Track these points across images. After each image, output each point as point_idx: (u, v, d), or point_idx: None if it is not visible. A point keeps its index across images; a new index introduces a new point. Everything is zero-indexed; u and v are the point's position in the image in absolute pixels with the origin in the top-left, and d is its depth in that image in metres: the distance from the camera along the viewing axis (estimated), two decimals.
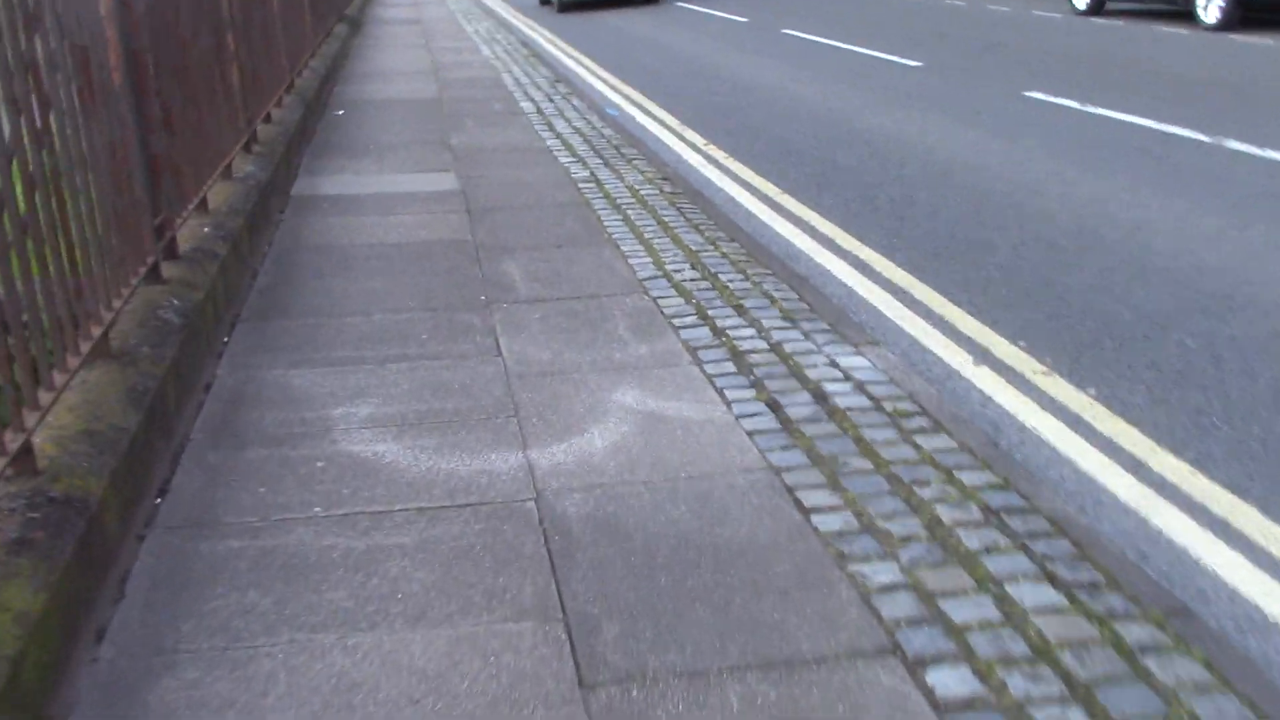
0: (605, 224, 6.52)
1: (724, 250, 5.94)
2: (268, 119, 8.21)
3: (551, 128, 9.68)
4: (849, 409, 3.98)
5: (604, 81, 13.12)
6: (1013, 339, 4.90)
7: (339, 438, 3.84)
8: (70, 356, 3.34)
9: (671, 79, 12.97)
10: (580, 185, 7.49)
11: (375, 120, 10.28)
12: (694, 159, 8.79)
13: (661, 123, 10.42)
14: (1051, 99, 10.05)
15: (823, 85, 11.82)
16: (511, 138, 9.28)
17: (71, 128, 3.54)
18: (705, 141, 9.40)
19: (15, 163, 3.05)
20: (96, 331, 3.56)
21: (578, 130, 9.57)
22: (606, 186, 7.43)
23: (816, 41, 15.45)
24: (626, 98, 11.90)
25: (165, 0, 5.11)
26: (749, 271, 5.58)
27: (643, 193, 7.25)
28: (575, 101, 11.12)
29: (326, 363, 4.52)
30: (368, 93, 11.99)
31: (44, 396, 3.09)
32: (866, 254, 6.17)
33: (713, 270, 5.60)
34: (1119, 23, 15.41)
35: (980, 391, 4.42)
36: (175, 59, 5.17)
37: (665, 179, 7.69)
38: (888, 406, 3.99)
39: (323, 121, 10.19)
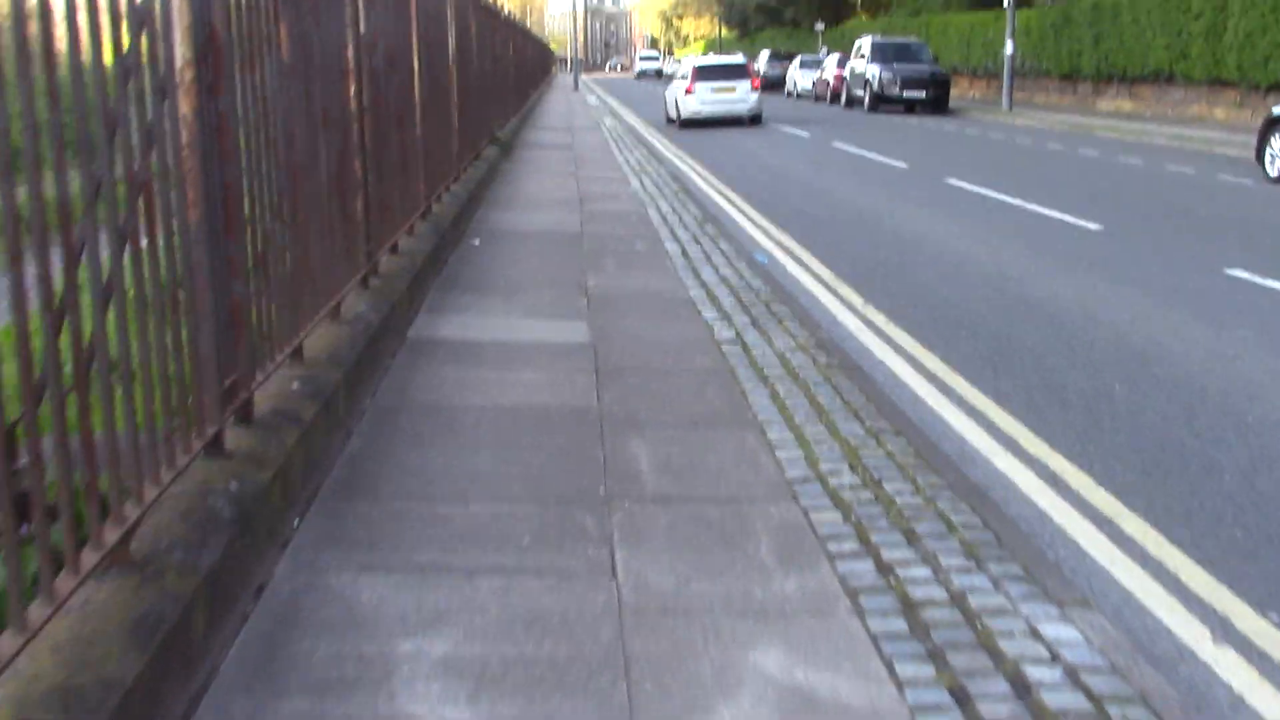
0: (750, 400, 5.69)
1: (888, 448, 5.04)
2: (395, 249, 7.66)
3: (696, 274, 8.97)
4: (1061, 713, 3.01)
5: (754, 224, 12.44)
6: (1260, 607, 3.87)
7: (399, 690, 3.02)
8: (66, 575, 2.61)
9: (826, 226, 12.22)
10: (724, 347, 6.70)
11: (511, 253, 9.72)
12: (851, 322, 7.95)
13: (815, 275, 9.63)
14: (1260, 280, 8.97)
15: (992, 244, 10.93)
16: (652, 283, 8.58)
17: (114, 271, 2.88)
18: (863, 302, 8.56)
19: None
20: (112, 537, 2.84)
21: (724, 279, 8.83)
22: (753, 352, 6.62)
23: (983, 194, 14.59)
24: (778, 243, 11.18)
25: (279, 125, 4.52)
26: (919, 480, 4.66)
27: (793, 362, 6.41)
28: (723, 245, 10.42)
29: (405, 568, 3.74)
30: (508, 222, 11.50)
31: (6, 643, 2.34)
32: (1058, 463, 5.21)
33: (875, 475, 4.70)
34: None
35: (1227, 688, 3.40)
36: (282, 189, 4.57)
37: (819, 346, 6.84)
38: (1115, 714, 3.01)
39: (457, 252, 9.66)
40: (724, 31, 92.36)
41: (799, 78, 47.98)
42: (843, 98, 38.08)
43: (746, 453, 4.95)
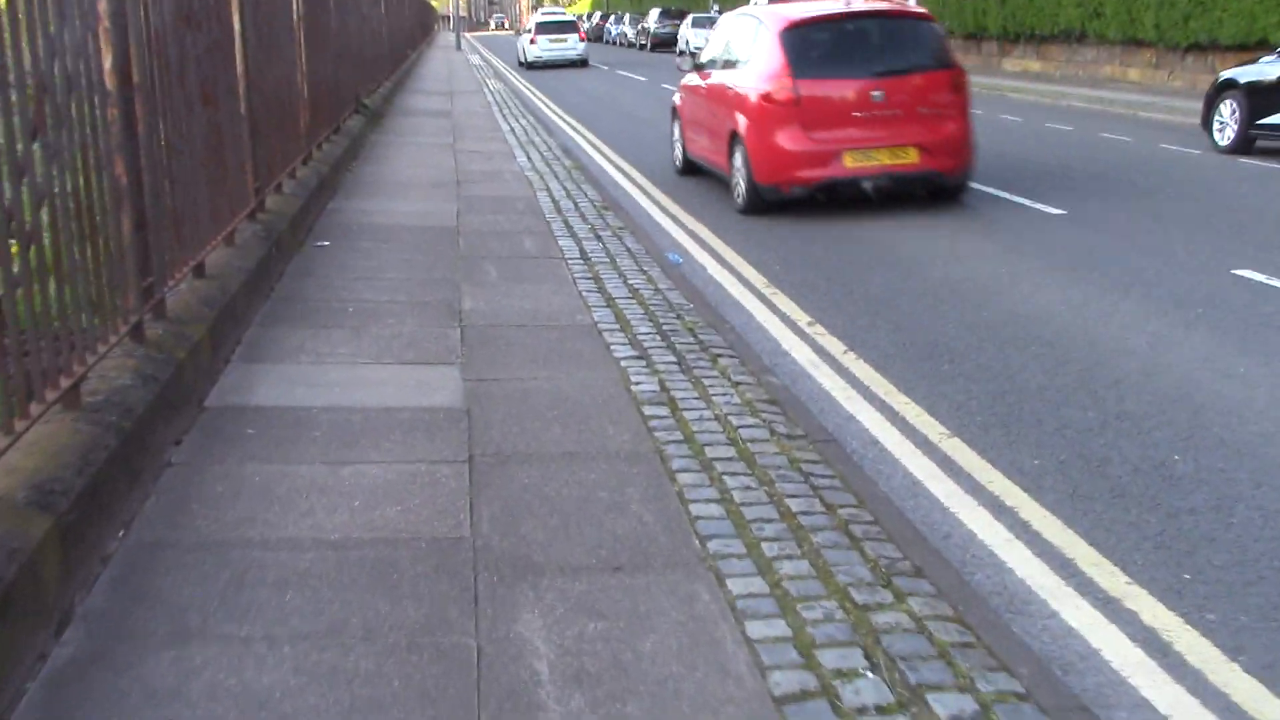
0: (695, 513, 3.91)
1: (912, 608, 3.31)
2: (200, 271, 5.70)
3: (600, 285, 7.19)
4: None
5: (663, 210, 10.64)
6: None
7: None
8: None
9: (730, 210, 10.48)
10: (647, 411, 4.92)
11: (366, 259, 7.79)
12: (801, 353, 6.23)
13: (743, 280, 7.89)
14: (1272, 283, 7.46)
15: (943, 237, 9.28)
16: (546, 302, 6.76)
17: None
18: (809, 320, 6.85)
19: None
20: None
21: (634, 291, 7.08)
22: (687, 417, 4.84)
23: None
24: (692, 234, 9.41)
25: None
26: (972, 676, 2.94)
27: (744, 434, 4.65)
28: (629, 241, 8.62)
29: None
30: (367, 214, 9.52)
31: None
32: (1153, 612, 3.54)
33: (905, 668, 2.97)
34: (1274, 165, 12.86)
35: None
36: None
37: (773, 401, 5.09)
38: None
39: (298, 260, 7.70)
40: None
41: (690, 36, 46.11)
42: None
43: (700, 628, 3.20)
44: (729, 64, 11.22)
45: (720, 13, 51.03)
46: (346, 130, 13.38)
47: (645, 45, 53.46)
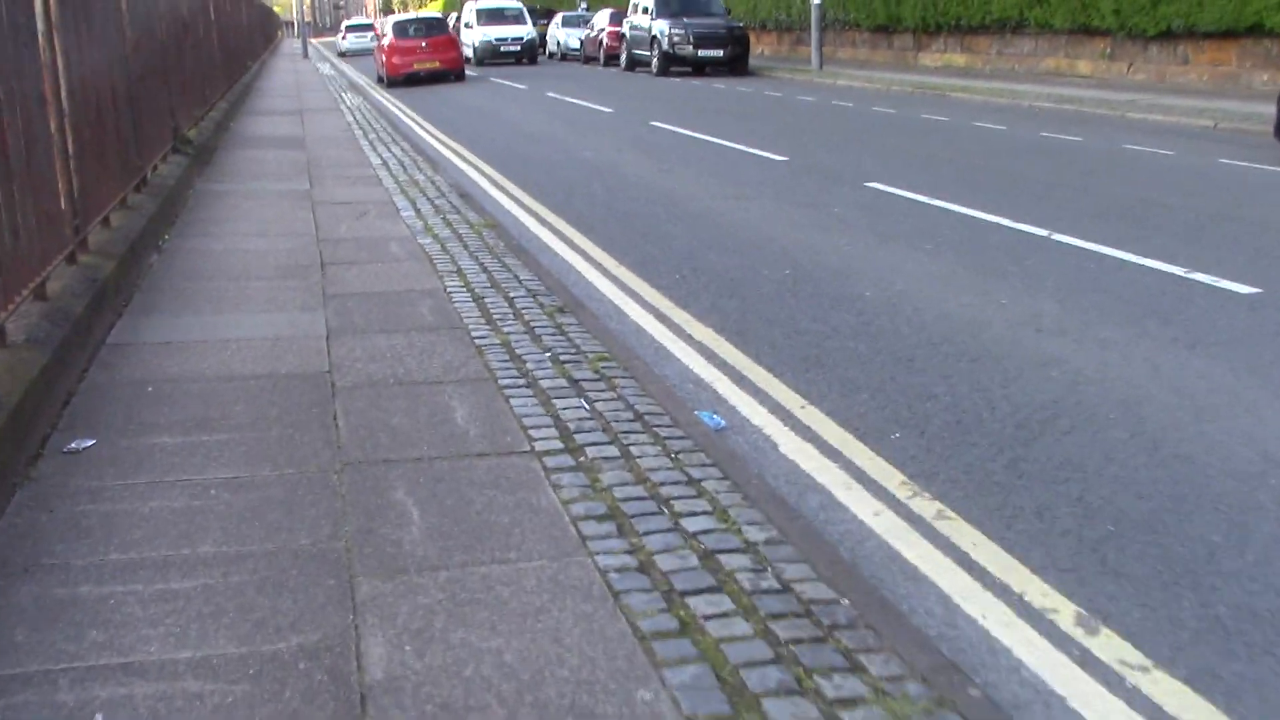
0: None
1: None
2: None
3: (639, 550, 3.57)
4: None
5: (637, 298, 7.09)
6: None
7: None
8: None
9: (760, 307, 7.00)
10: None
11: (158, 502, 4.03)
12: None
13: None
14: None
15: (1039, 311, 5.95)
16: (545, 644, 3.11)
17: None
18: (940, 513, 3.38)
19: None
20: None
21: (728, 578, 3.48)
22: None
23: (915, 200, 9.66)
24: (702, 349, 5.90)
25: None
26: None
27: None
28: (629, 391, 5.05)
29: None
30: (175, 354, 5.73)
31: None
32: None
33: None
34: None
35: None
36: None
37: None
38: None
39: (14, 510, 3.91)
40: None
41: (563, 36, 42.58)
42: (621, 59, 32.89)
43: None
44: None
45: (589, 10, 47.54)
46: (157, 183, 9.46)
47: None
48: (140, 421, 4.72)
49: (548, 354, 5.68)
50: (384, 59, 29.22)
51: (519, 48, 37.39)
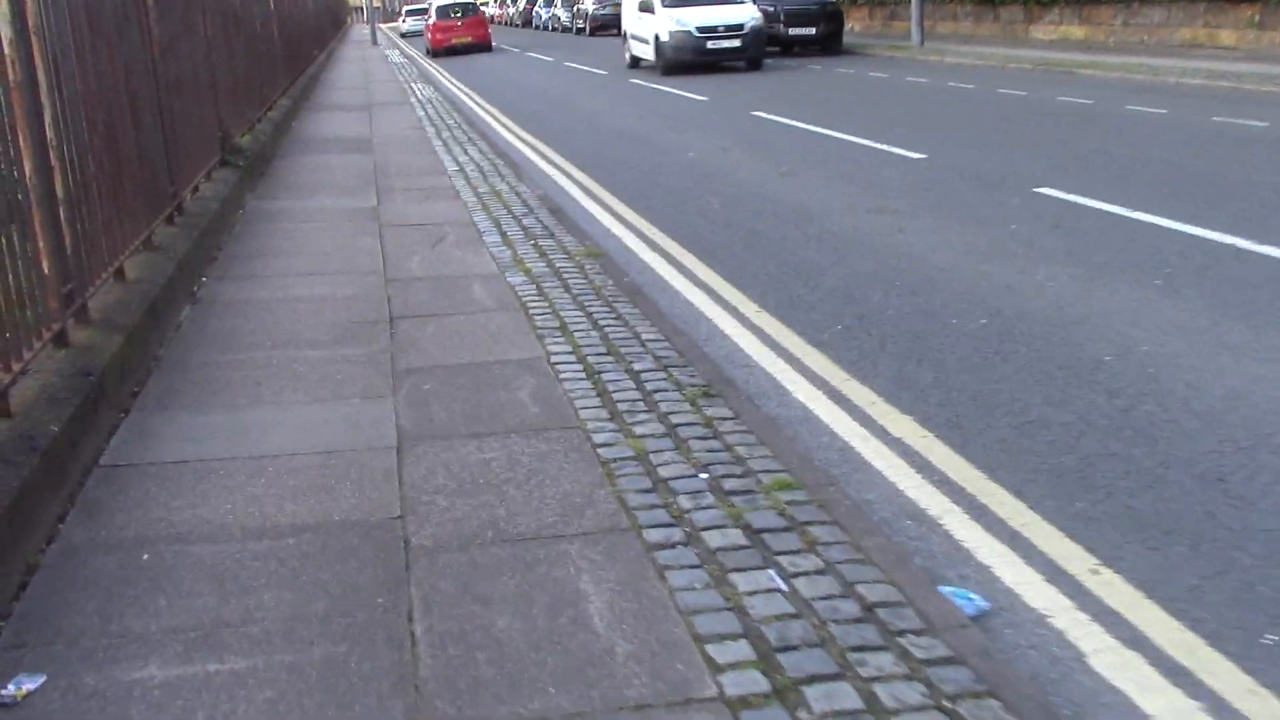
0: None
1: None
2: None
3: None
4: None
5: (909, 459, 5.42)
6: None
7: None
8: None
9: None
10: None
11: None
12: None
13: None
14: None
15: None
16: None
17: None
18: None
19: None
20: None
21: None
22: None
23: (1110, 212, 7.84)
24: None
25: None
26: None
27: None
28: (823, 535, 3.39)
29: None
30: (191, 480, 4.15)
31: None
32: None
33: None
34: None
35: None
36: None
37: None
38: None
39: None
40: None
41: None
42: None
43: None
44: None
45: None
46: (197, 208, 7.94)
47: (584, 29, 47.92)
48: (121, 631, 3.14)
49: (704, 476, 4.02)
50: (429, 35, 37.46)
51: (739, 42, 22.53)
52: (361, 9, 72.37)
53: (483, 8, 41.19)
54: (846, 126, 13.44)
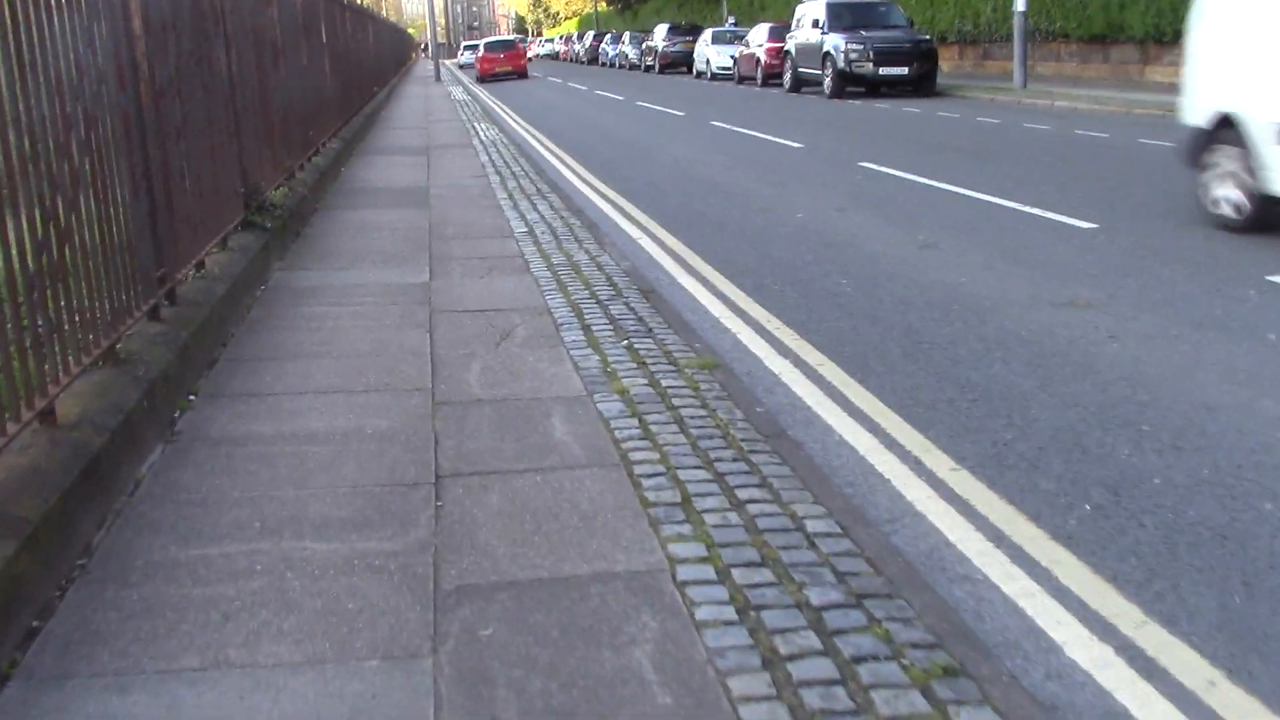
0: None
1: None
2: None
3: None
4: None
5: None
6: None
7: None
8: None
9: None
10: None
11: None
12: None
13: None
14: None
15: None
16: None
17: None
18: None
19: None
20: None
21: None
22: None
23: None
24: None
25: None
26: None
27: None
28: None
29: None
30: None
31: None
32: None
33: None
34: None
35: None
36: None
37: None
38: None
39: None
40: (602, 6, 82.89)
41: (712, 55, 39.04)
42: (785, 79, 29.22)
43: None
44: None
45: (737, 25, 43.91)
46: (196, 291, 6.15)
47: (653, 67, 46.40)
48: None
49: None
50: (479, 65, 46.94)
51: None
52: (425, 46, 71.77)
53: (521, 44, 53.63)
54: (979, 183, 11.49)
